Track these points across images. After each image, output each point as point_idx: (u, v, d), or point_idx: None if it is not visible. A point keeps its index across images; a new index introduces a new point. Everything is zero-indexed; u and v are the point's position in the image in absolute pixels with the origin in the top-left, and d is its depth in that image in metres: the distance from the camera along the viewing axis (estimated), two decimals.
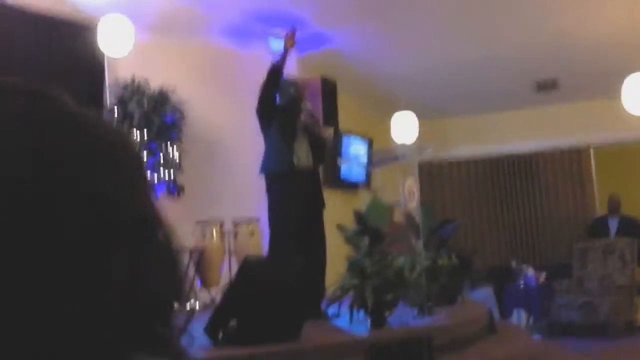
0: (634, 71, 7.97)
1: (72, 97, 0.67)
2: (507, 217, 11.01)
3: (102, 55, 7.56)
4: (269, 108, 5.66)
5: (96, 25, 6.93)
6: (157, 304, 0.61)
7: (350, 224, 5.28)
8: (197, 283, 7.11)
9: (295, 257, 4.95)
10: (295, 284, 4.22)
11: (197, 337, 3.80)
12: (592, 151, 10.76)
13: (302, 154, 5.68)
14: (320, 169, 8.99)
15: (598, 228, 9.77)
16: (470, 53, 8.82)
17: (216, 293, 6.50)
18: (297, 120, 5.79)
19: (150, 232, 0.62)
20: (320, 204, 5.81)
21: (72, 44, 7.44)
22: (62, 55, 7.44)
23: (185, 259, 7.02)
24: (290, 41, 5.88)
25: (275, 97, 5.72)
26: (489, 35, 8.44)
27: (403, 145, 8.50)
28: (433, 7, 7.72)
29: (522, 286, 9.12)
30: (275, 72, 5.69)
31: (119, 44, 6.95)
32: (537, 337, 7.75)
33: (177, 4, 7.47)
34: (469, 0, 7.57)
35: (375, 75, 9.43)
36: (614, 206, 9.83)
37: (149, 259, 0.60)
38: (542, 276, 9.23)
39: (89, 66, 7.68)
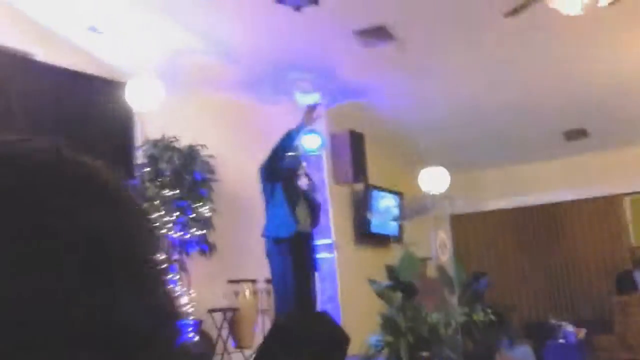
0: None
1: (103, 155, 0.68)
2: (543, 269, 10.79)
3: (132, 112, 7.65)
4: (276, 171, 5.90)
5: (126, 82, 7.02)
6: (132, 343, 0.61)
7: (382, 278, 5.18)
8: (231, 343, 7.02)
9: (323, 314, 4.87)
10: (325, 341, 4.12)
11: None
12: (626, 199, 10.56)
13: (302, 218, 5.93)
14: (351, 224, 8.97)
15: (624, 282, 9.43)
16: (498, 103, 8.77)
17: (250, 354, 6.41)
18: (296, 184, 6.07)
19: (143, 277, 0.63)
20: (314, 267, 6.10)
21: (103, 101, 7.54)
22: (93, 112, 7.53)
23: (219, 319, 6.98)
24: (309, 118, 6.12)
25: (282, 162, 5.96)
26: (516, 84, 8.39)
27: (433, 197, 8.41)
28: (462, 59, 7.70)
29: (562, 343, 8.83)
30: (290, 140, 5.96)
31: (148, 100, 7.03)
32: None
33: (204, 60, 7.55)
34: (496, 52, 7.54)
35: (405, 127, 9.40)
36: (636, 258, 9.51)
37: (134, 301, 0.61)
38: (582, 332, 8.94)
39: (119, 123, 7.76)
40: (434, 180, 8.96)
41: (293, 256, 5.75)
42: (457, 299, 5.99)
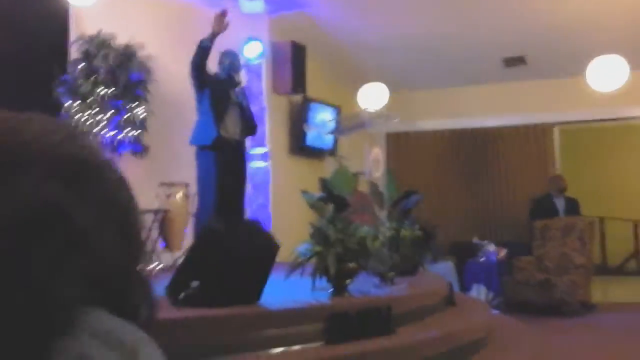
0: (601, 51, 7.98)
1: (37, 48, 0.75)
2: (471, 191, 11.05)
3: (68, 5, 7.34)
4: (198, 80, 5.86)
5: None
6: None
7: (315, 190, 5.23)
8: (160, 245, 7.02)
9: (254, 221, 4.92)
10: (255, 247, 4.17)
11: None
12: (556, 129, 10.83)
13: (231, 126, 5.93)
14: (286, 135, 8.97)
15: (544, 207, 9.62)
16: (441, 26, 8.78)
17: (179, 255, 6.43)
18: (229, 92, 6.00)
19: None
20: (243, 176, 6.13)
21: None
22: (28, 3, 7.20)
23: (149, 220, 6.94)
24: (219, 25, 5.94)
25: (201, 73, 5.87)
26: (461, 9, 8.39)
27: (370, 113, 8.46)
28: None
29: (482, 261, 9.17)
30: (202, 51, 5.83)
31: None
32: (495, 312, 7.83)
33: None
34: None
35: (347, 43, 9.34)
36: (561, 186, 9.70)
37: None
38: (503, 252, 9.28)
39: (54, 16, 7.45)
40: (372, 97, 9.00)
41: (217, 163, 5.77)
42: (386, 215, 6.11)
